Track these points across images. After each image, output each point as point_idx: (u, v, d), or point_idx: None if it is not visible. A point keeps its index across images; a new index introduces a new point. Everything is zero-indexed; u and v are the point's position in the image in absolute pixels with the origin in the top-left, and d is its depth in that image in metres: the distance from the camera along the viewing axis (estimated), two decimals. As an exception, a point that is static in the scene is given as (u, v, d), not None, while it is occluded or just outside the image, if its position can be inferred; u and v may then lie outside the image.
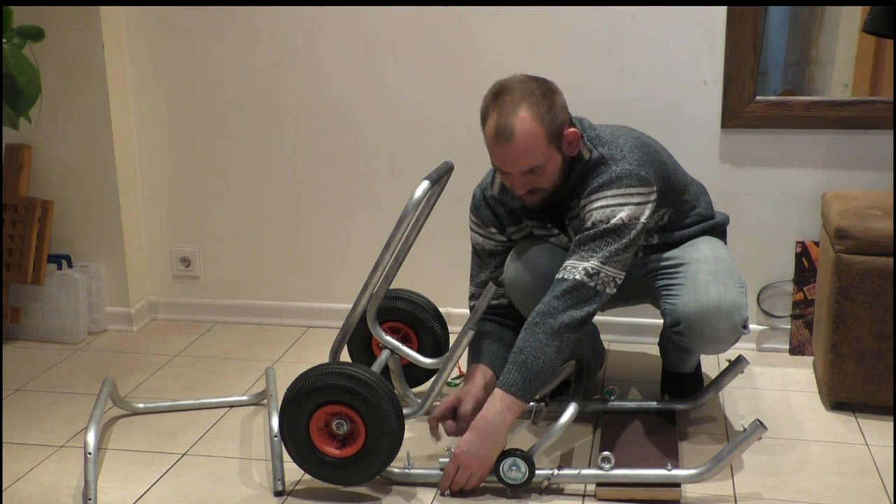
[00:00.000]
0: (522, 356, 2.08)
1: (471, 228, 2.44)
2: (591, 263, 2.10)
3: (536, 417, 2.44)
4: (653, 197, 2.17)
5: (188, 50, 3.11)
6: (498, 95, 2.12)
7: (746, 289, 2.31)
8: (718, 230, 2.48)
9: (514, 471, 2.09)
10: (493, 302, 2.41)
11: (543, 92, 2.12)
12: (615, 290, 2.13)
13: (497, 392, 2.10)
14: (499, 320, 2.42)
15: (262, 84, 3.09)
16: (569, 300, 2.09)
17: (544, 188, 2.19)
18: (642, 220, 2.14)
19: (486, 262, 2.43)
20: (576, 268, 2.10)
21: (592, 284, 2.10)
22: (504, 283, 2.38)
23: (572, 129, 2.16)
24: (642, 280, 2.38)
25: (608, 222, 2.11)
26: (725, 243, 2.50)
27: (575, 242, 2.15)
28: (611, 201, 2.13)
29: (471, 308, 2.44)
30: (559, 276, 2.12)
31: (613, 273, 2.12)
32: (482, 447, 2.08)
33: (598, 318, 2.62)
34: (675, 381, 2.52)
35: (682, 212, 2.38)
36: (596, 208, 2.14)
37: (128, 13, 3.10)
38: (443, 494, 2.12)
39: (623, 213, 2.11)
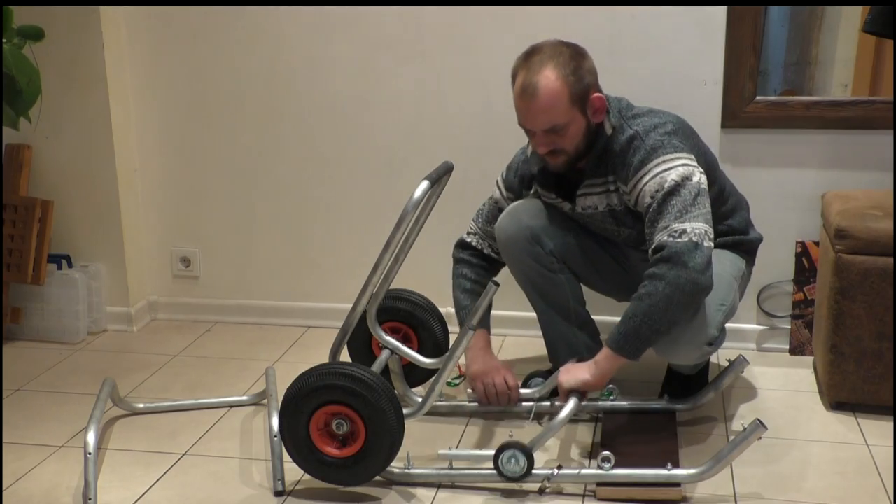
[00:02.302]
0: (627, 313, 2.13)
1: (496, 182, 2.56)
2: (674, 227, 2.10)
3: (538, 416, 2.45)
4: (695, 163, 2.20)
5: (188, 50, 3.11)
6: (529, 55, 2.22)
7: (733, 307, 2.33)
8: (745, 248, 2.49)
9: (512, 463, 2.09)
10: (483, 250, 2.56)
11: (572, 55, 2.20)
12: (712, 243, 2.12)
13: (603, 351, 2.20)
14: (481, 265, 2.56)
15: (262, 84, 3.09)
16: (669, 262, 2.08)
17: (567, 150, 2.24)
18: (695, 179, 2.16)
19: (494, 215, 2.53)
20: (661, 238, 2.11)
21: (685, 240, 2.08)
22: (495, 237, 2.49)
23: (598, 95, 2.22)
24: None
25: (663, 188, 2.14)
26: (753, 263, 2.52)
27: (647, 223, 2.17)
28: (655, 171, 2.17)
29: (461, 243, 2.59)
30: (653, 248, 2.13)
31: (701, 226, 2.11)
32: (566, 371, 2.25)
33: (598, 317, 2.63)
34: (679, 380, 2.51)
35: (714, 218, 2.38)
36: (646, 183, 2.18)
37: (128, 13, 3.10)
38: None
39: (673, 175, 2.15)
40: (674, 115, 2.33)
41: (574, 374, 2.22)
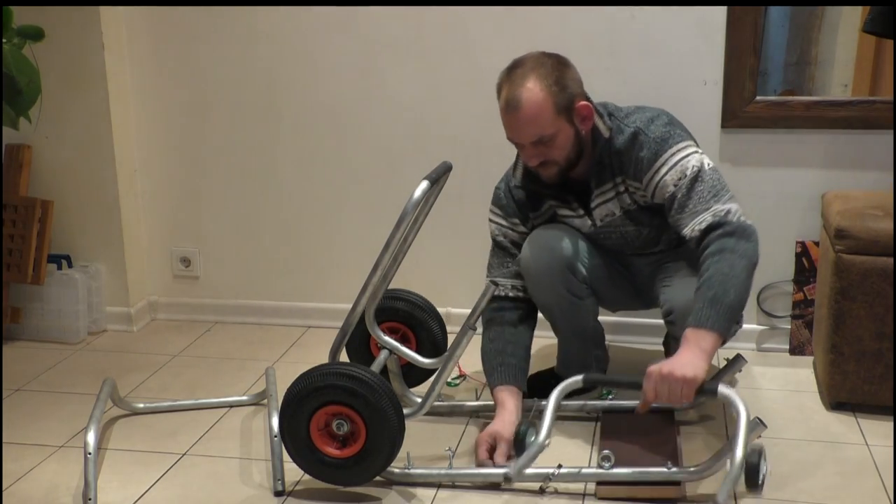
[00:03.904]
0: (711, 291, 2.03)
1: (491, 221, 2.47)
2: (717, 207, 2.12)
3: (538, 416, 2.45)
4: (700, 149, 2.22)
5: (188, 50, 3.11)
6: (511, 69, 2.22)
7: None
8: None
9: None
10: (508, 294, 2.41)
11: (553, 65, 2.20)
12: (748, 220, 2.14)
13: (688, 331, 2.03)
14: (511, 320, 2.40)
15: (261, 84, 3.09)
16: (733, 236, 2.08)
17: (557, 160, 2.24)
18: (711, 164, 2.20)
19: (508, 251, 2.44)
20: (707, 219, 2.11)
21: (736, 219, 2.10)
22: (519, 265, 2.39)
23: (584, 103, 2.21)
24: (651, 278, 2.40)
25: (686, 175, 2.16)
26: None
27: (676, 209, 2.17)
28: (672, 161, 2.18)
29: (489, 308, 2.42)
30: (702, 228, 2.10)
31: (738, 207, 2.14)
32: (681, 360, 1.99)
33: (599, 317, 2.63)
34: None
35: None
36: (665, 174, 2.19)
37: (128, 13, 3.10)
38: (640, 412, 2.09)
39: (693, 161, 2.17)
40: (659, 108, 2.34)
41: (691, 369, 1.97)
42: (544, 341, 2.61)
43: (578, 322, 2.46)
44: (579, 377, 2.08)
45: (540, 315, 2.55)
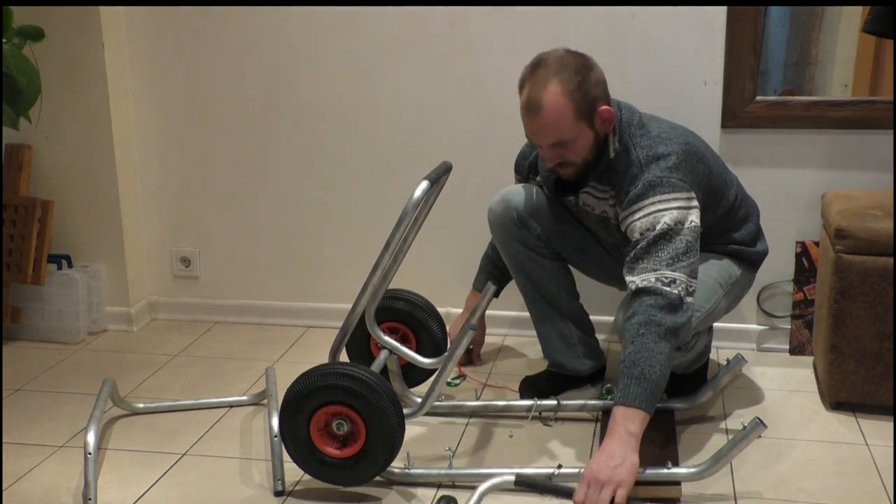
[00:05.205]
0: (637, 368, 2.01)
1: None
2: (665, 273, 2.07)
3: (547, 418, 2.45)
4: (694, 203, 2.16)
5: (188, 50, 3.11)
6: (535, 68, 2.18)
7: (712, 313, 2.33)
8: (745, 257, 2.47)
9: None
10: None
11: (577, 68, 2.16)
12: (692, 298, 2.10)
13: (617, 409, 2.00)
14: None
15: (262, 84, 3.09)
16: (663, 309, 2.05)
17: (575, 162, 2.23)
18: (688, 224, 2.12)
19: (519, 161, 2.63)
20: (649, 280, 2.07)
21: (676, 292, 2.06)
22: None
23: (606, 107, 2.18)
24: None
25: (654, 229, 2.11)
26: (754, 271, 2.51)
27: (631, 258, 2.13)
28: (650, 209, 2.13)
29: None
30: (640, 286, 2.08)
31: (686, 280, 2.08)
32: (613, 459, 1.95)
33: (596, 317, 2.63)
34: (674, 380, 2.51)
35: (715, 234, 2.37)
36: (638, 219, 2.14)
37: (128, 13, 3.10)
38: None
39: (666, 218, 2.11)
40: (683, 138, 2.26)
41: (625, 471, 1.94)
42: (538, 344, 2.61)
43: (546, 286, 2.50)
44: (511, 477, 2.06)
45: (526, 314, 2.57)
